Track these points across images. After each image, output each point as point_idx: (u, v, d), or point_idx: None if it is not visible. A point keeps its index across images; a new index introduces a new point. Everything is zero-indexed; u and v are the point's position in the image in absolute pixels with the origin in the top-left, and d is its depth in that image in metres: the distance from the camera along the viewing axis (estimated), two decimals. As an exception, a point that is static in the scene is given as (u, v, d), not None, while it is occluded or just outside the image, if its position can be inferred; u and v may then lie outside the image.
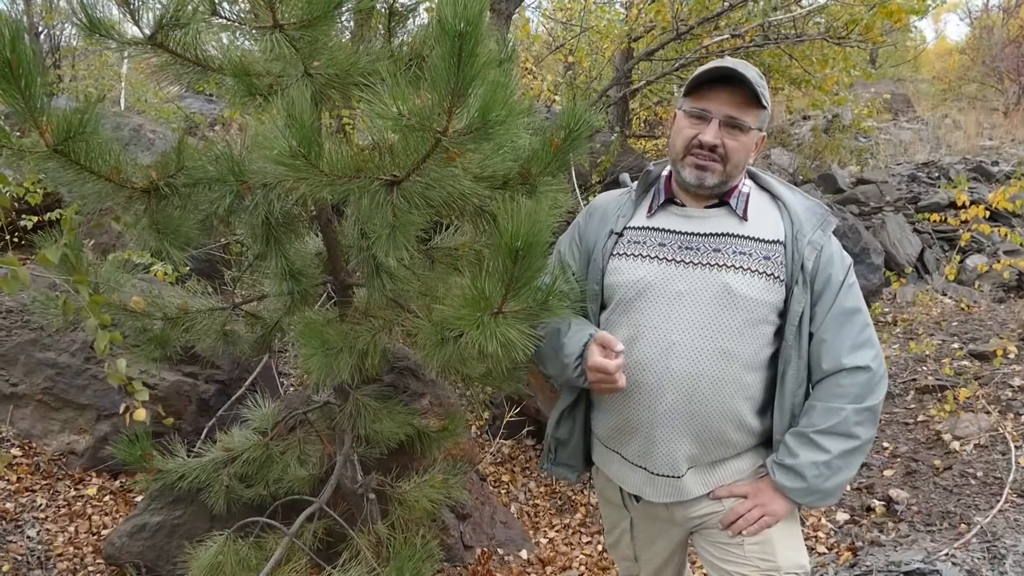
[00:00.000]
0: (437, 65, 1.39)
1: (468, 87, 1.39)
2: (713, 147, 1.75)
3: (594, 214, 2.01)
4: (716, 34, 6.27)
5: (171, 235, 1.87)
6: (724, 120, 1.75)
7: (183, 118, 7.75)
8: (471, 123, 1.44)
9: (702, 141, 1.76)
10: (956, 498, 3.51)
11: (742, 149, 1.78)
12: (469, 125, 1.44)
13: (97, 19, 1.89)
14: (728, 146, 1.76)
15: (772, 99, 8.68)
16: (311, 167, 1.53)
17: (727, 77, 1.74)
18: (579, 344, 1.79)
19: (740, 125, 1.76)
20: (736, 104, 1.75)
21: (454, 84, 1.39)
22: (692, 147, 1.78)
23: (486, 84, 1.40)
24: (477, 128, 1.44)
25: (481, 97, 1.41)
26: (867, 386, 1.76)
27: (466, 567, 3.31)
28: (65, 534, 3.32)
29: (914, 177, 10.32)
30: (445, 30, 1.34)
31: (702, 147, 1.76)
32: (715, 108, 1.76)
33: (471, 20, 1.33)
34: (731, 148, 1.76)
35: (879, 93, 11.75)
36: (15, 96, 1.55)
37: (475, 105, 1.42)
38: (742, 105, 1.75)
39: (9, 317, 3.85)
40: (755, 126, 1.79)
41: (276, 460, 2.66)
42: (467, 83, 1.39)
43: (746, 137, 1.77)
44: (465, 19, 1.32)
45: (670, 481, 1.85)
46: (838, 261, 1.80)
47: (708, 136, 1.75)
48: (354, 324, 2.11)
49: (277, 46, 1.75)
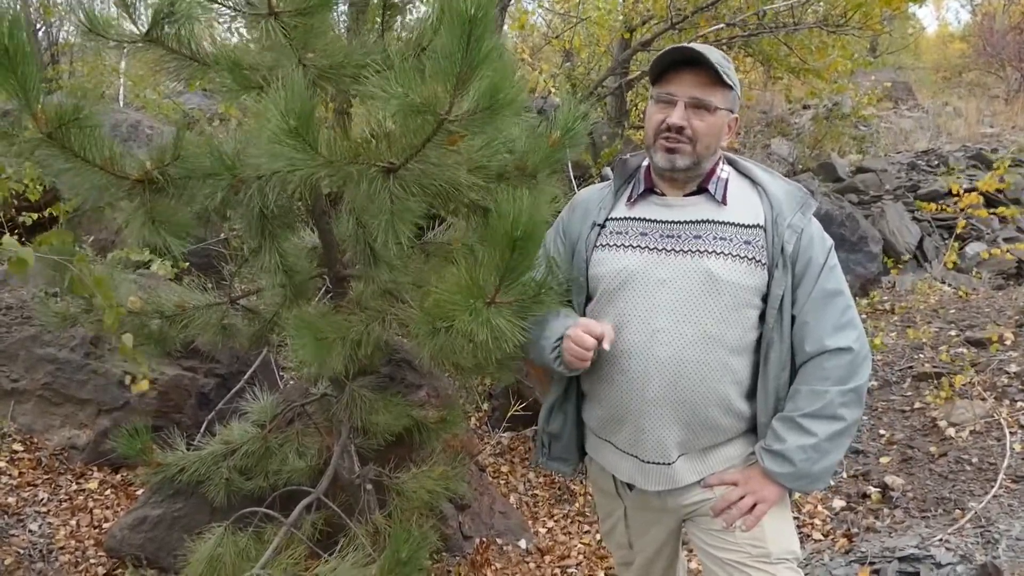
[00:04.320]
0: (444, 49, 1.42)
1: (475, 71, 1.43)
2: (680, 128, 1.77)
3: (577, 208, 2.04)
4: (713, 23, 6.25)
5: (167, 226, 1.89)
6: (689, 101, 1.77)
7: (182, 114, 7.75)
8: (478, 103, 1.47)
9: (669, 124, 1.78)
10: (951, 484, 3.53)
11: (710, 130, 1.80)
12: (475, 107, 1.47)
13: (96, 18, 1.91)
14: (695, 127, 1.78)
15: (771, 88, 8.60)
16: (308, 148, 1.55)
17: (689, 60, 1.76)
18: (562, 328, 1.82)
19: (706, 105, 1.78)
20: (700, 85, 1.77)
21: (461, 67, 1.42)
22: (661, 131, 1.80)
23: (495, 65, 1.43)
24: (484, 108, 1.47)
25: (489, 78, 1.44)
26: (850, 367, 1.78)
27: (465, 557, 3.33)
28: (67, 527, 3.35)
29: (914, 165, 10.28)
30: (455, 13, 1.37)
31: (670, 130, 1.78)
32: (680, 91, 1.78)
33: (482, 4, 1.36)
34: (698, 128, 1.78)
35: (880, 81, 11.69)
36: (12, 84, 1.57)
37: (482, 86, 1.45)
38: (707, 86, 1.77)
39: (9, 314, 3.87)
40: (723, 106, 1.80)
41: (275, 452, 2.68)
42: (474, 67, 1.42)
43: (714, 117, 1.79)
44: (476, 3, 1.35)
45: (661, 469, 1.87)
46: (818, 243, 1.81)
47: (674, 118, 1.77)
48: (347, 315, 2.12)
49: (271, 34, 1.77)
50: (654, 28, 6.83)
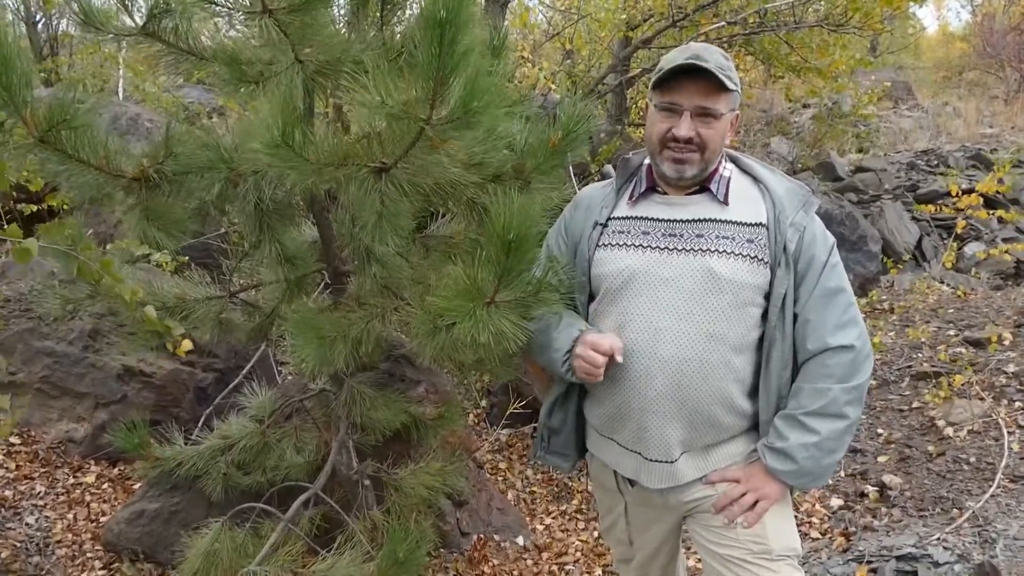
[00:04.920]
0: (419, 53, 1.40)
1: (450, 76, 1.40)
2: (689, 140, 1.76)
3: (579, 206, 2.03)
4: (714, 21, 6.25)
5: (163, 223, 1.88)
6: (695, 111, 1.76)
7: (181, 107, 7.73)
8: (453, 112, 1.44)
9: (676, 135, 1.77)
10: (949, 483, 3.53)
11: (717, 135, 1.79)
12: (451, 113, 1.45)
13: (92, 11, 1.89)
14: (703, 135, 1.77)
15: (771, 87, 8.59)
16: (297, 157, 1.54)
17: (692, 68, 1.74)
18: (569, 339, 1.82)
19: (712, 113, 1.77)
20: (704, 93, 1.75)
21: (436, 72, 1.40)
22: (667, 141, 1.79)
23: (468, 73, 1.40)
24: (458, 117, 1.44)
25: (462, 86, 1.41)
26: (852, 365, 1.78)
27: (462, 553, 3.33)
28: (64, 521, 3.35)
29: (913, 165, 10.29)
30: (427, 18, 1.35)
31: (677, 140, 1.77)
32: (684, 100, 1.76)
33: (452, 8, 1.33)
34: (706, 136, 1.77)
35: (880, 81, 11.68)
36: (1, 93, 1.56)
37: (457, 94, 1.42)
38: (711, 93, 1.76)
39: (7, 306, 3.86)
40: (727, 110, 1.80)
41: (273, 448, 2.68)
42: (449, 72, 1.39)
43: (719, 123, 1.78)
44: (446, 7, 1.32)
45: (664, 467, 1.86)
46: (820, 242, 1.81)
47: (682, 131, 1.76)
48: (347, 312, 2.12)
49: (267, 31, 1.75)
50: (655, 26, 6.82)
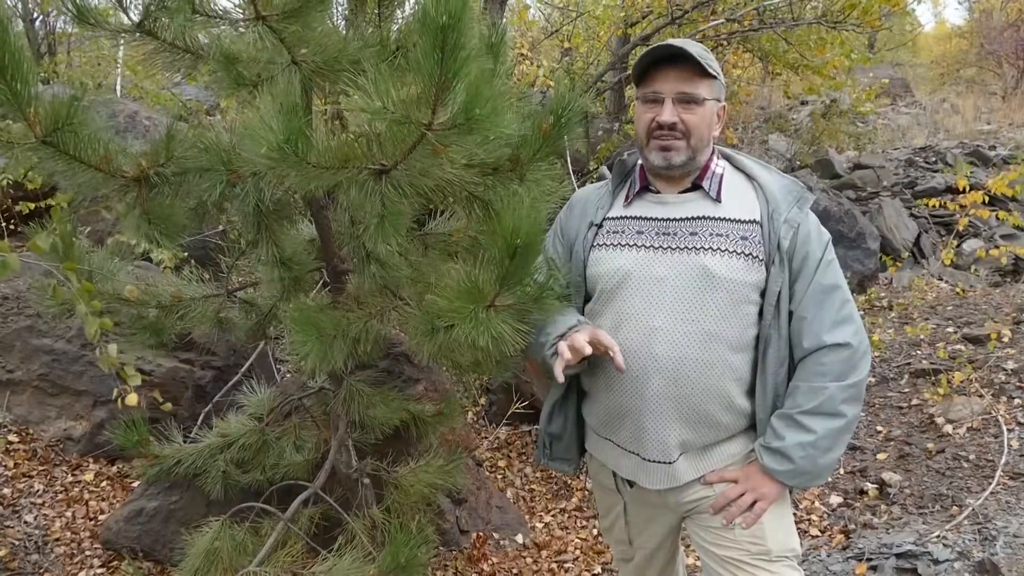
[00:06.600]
0: (421, 58, 1.38)
1: (452, 81, 1.38)
2: (672, 125, 1.77)
3: (574, 208, 2.03)
4: (712, 18, 6.24)
5: (163, 223, 1.87)
6: (676, 97, 1.77)
7: (179, 105, 7.70)
8: (454, 118, 1.43)
9: (660, 122, 1.78)
10: (948, 481, 3.53)
11: (702, 122, 1.79)
12: (453, 120, 1.44)
13: (86, 7, 1.88)
14: (687, 121, 1.78)
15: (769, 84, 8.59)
16: (299, 161, 1.53)
17: (669, 56, 1.76)
18: (564, 327, 1.80)
19: (694, 98, 1.78)
20: (685, 79, 1.77)
21: (438, 78, 1.38)
22: (653, 130, 1.80)
23: (470, 78, 1.39)
24: (461, 123, 1.43)
25: (465, 91, 1.40)
26: (849, 363, 1.77)
27: (462, 551, 3.33)
28: (62, 519, 3.34)
29: (911, 162, 10.29)
30: (428, 23, 1.33)
31: (661, 128, 1.78)
32: (665, 87, 1.78)
33: (454, 13, 1.31)
34: (690, 122, 1.78)
35: (878, 78, 11.68)
36: (3, 89, 1.55)
37: (459, 99, 1.41)
38: (691, 79, 1.77)
39: (5, 304, 3.85)
40: (710, 96, 1.80)
41: (272, 446, 2.67)
42: (451, 77, 1.38)
43: (703, 109, 1.79)
44: (448, 12, 1.31)
45: (662, 467, 1.86)
46: (815, 238, 1.80)
47: (665, 116, 1.77)
48: (347, 311, 2.11)
49: (262, 37, 1.75)
50: (654, 23, 6.81)
